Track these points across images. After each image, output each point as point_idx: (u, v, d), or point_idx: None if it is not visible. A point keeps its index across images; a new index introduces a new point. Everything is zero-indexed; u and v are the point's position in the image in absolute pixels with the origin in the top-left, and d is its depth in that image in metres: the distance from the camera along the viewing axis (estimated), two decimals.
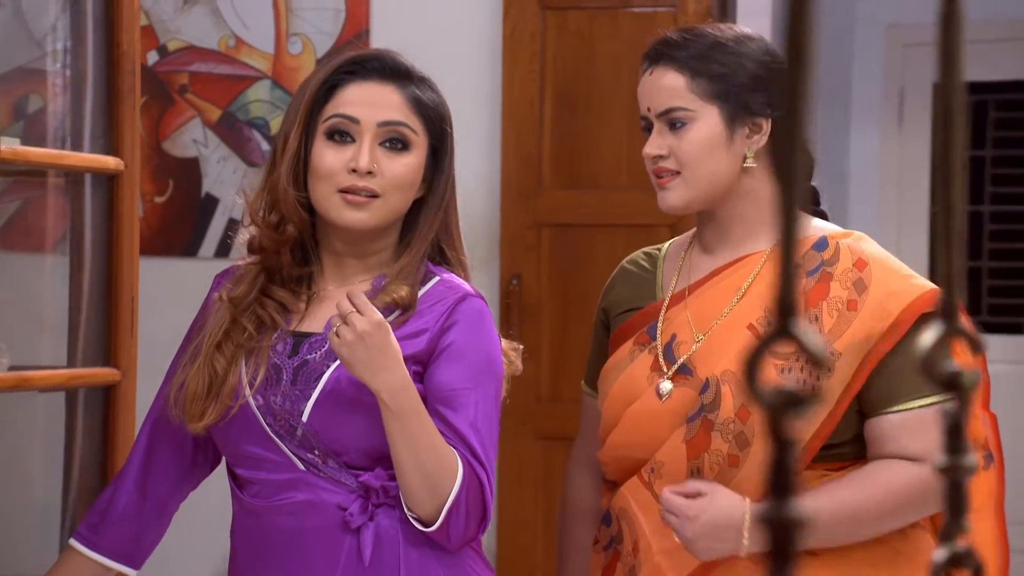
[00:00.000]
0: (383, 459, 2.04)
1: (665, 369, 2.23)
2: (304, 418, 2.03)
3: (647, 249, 2.42)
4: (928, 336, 2.12)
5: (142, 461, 2.19)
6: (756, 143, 2.23)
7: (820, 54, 5.70)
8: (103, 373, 2.39)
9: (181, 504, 2.23)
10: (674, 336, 2.25)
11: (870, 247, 2.26)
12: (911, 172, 6.00)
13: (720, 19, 3.96)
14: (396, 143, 2.05)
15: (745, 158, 2.22)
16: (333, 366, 2.04)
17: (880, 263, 2.24)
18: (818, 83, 4.45)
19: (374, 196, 2.04)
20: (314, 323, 2.10)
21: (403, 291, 2.04)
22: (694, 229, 2.38)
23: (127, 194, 2.38)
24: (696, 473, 2.19)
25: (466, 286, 2.10)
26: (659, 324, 2.27)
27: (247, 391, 2.05)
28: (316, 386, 2.03)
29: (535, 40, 4.03)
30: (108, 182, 2.39)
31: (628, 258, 2.41)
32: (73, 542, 2.18)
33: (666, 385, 2.22)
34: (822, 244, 2.25)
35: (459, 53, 4.09)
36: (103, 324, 2.40)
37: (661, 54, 2.21)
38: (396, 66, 2.08)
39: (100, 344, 2.40)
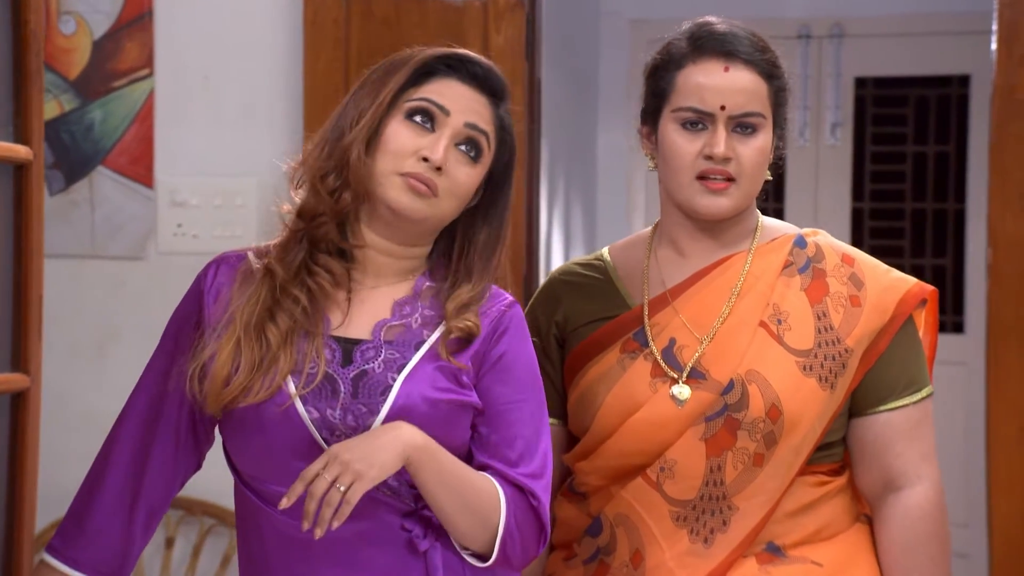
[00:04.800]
0: None
1: (673, 375, 2.27)
2: None
3: (579, 260, 2.46)
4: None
5: (130, 465, 2.11)
6: (769, 159, 2.32)
7: (568, 45, 5.85)
8: (13, 379, 2.27)
9: None
10: (673, 340, 2.29)
11: (842, 243, 2.38)
12: None
13: (530, 11, 4.03)
14: (471, 150, 2.06)
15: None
16: (400, 378, 2.02)
17: (863, 258, 2.35)
18: (564, 75, 4.58)
19: (433, 192, 2.03)
20: (357, 327, 2.08)
21: (475, 320, 2.05)
22: (642, 233, 2.43)
23: (36, 186, 2.27)
24: (716, 471, 2.24)
25: (506, 293, 2.13)
26: (647, 330, 2.30)
27: (297, 401, 2.00)
28: (385, 400, 2.01)
29: (339, 27, 4.01)
30: (15, 172, 2.27)
31: (560, 271, 2.45)
32: (48, 558, 2.08)
33: (684, 390, 2.26)
34: (801, 241, 2.34)
35: (254, 39, 4.03)
36: (7, 326, 2.28)
37: (737, 51, 2.24)
38: (496, 82, 2.09)
39: (5, 348, 2.28)
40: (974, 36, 5.88)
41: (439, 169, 2.03)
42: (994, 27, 3.80)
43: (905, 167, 6.27)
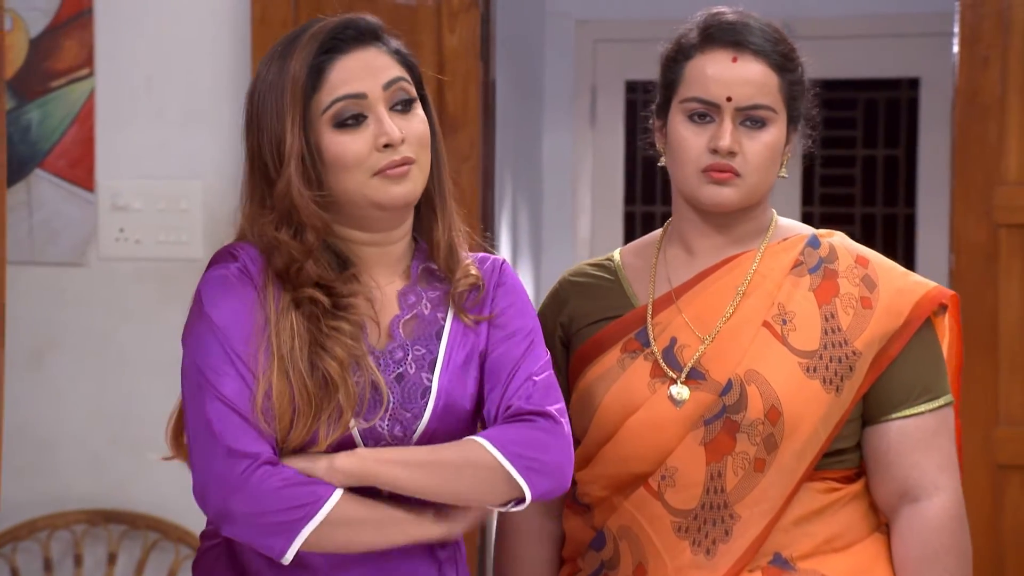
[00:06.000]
0: None
1: (672, 375, 2.27)
2: (414, 439, 2.03)
3: (591, 261, 2.46)
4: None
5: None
6: (786, 155, 2.30)
7: (513, 45, 5.86)
8: None
9: None
10: (674, 340, 2.28)
11: (858, 245, 2.37)
12: (604, 168, 6.26)
13: (484, 11, 4.03)
14: (403, 102, 2.05)
15: (780, 166, 2.30)
16: (435, 378, 2.05)
17: (879, 260, 2.34)
18: (511, 76, 4.62)
19: (410, 163, 2.04)
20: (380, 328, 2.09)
21: (474, 270, 2.11)
22: (652, 235, 2.43)
23: None
24: (716, 477, 2.23)
25: (494, 255, 2.18)
26: (649, 329, 2.30)
27: (359, 439, 2.02)
28: (426, 403, 2.04)
29: (287, 26, 3.98)
30: None
31: (570, 272, 2.44)
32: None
33: (683, 391, 2.25)
34: (815, 242, 2.33)
35: (200, 38, 4.00)
36: None
37: (747, 42, 2.23)
38: (370, 27, 2.06)
39: None
40: (924, 39, 5.94)
41: (403, 141, 2.03)
42: (955, 29, 3.83)
43: (855, 171, 6.33)
